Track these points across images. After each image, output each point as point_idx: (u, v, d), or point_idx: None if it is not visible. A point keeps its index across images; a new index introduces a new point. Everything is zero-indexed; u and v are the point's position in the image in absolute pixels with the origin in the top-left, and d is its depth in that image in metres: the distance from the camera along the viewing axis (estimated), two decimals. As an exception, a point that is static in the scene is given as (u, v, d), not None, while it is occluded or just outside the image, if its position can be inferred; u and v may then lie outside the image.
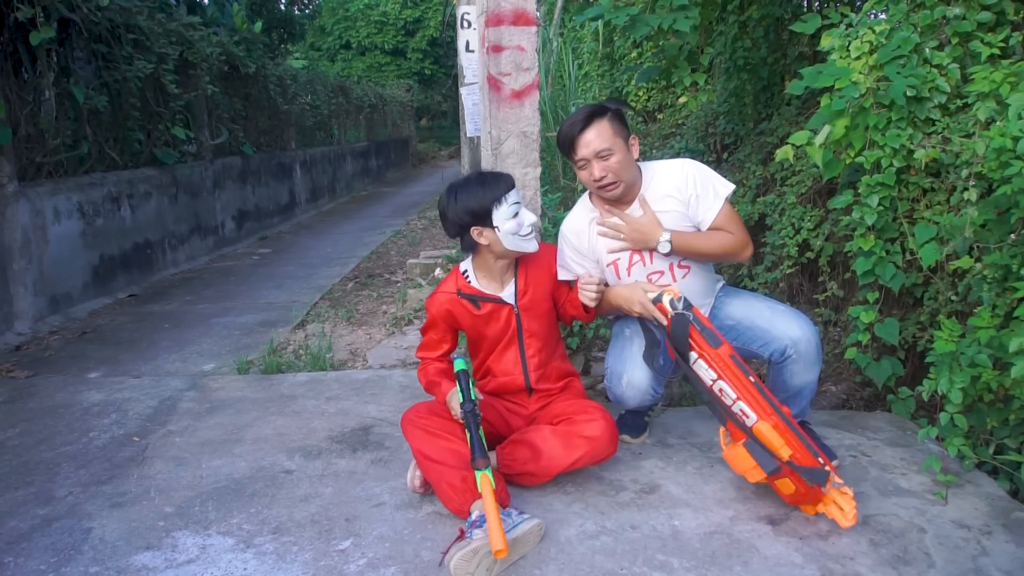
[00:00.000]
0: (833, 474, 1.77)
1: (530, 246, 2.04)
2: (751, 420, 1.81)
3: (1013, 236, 1.93)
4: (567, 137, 2.04)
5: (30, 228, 4.11)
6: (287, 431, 2.53)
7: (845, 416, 2.55)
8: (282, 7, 12.93)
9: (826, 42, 2.40)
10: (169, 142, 5.73)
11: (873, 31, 2.29)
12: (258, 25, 7.71)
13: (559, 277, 2.20)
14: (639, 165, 2.13)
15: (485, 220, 1.99)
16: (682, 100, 5.25)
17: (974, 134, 2.11)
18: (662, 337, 2.02)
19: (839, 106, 2.23)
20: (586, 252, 2.17)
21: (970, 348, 1.89)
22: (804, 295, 3.29)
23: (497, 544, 1.64)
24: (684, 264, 2.12)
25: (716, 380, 1.84)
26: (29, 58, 4.22)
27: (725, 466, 2.04)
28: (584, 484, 2.07)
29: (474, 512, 1.77)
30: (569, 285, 2.20)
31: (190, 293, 5.01)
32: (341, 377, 3.10)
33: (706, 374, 1.85)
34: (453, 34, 4.65)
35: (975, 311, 1.96)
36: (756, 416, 1.80)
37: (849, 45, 2.32)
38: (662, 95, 6.36)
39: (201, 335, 3.91)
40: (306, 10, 16.18)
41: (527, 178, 2.53)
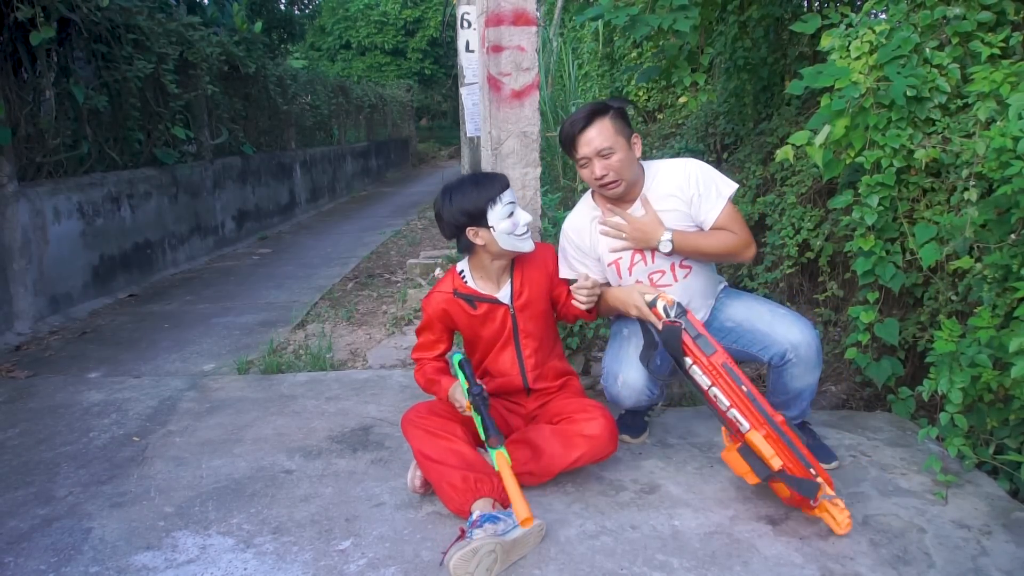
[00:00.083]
0: (825, 487, 1.77)
1: (526, 245, 2.04)
2: (744, 428, 1.82)
3: (1013, 236, 1.93)
4: (568, 135, 2.04)
5: (30, 228, 4.11)
6: (287, 431, 2.53)
7: (845, 416, 2.55)
8: (282, 7, 12.94)
9: (826, 42, 2.40)
10: (169, 142, 5.73)
11: (873, 31, 2.29)
12: (258, 25, 7.71)
13: (561, 275, 2.20)
14: (641, 164, 2.12)
15: (480, 220, 1.99)
16: (682, 100, 5.25)
17: (974, 134, 2.11)
18: (659, 340, 2.02)
19: (839, 106, 2.23)
20: (587, 250, 2.17)
21: (970, 348, 1.89)
22: (804, 295, 3.29)
23: (523, 513, 1.70)
24: (685, 264, 2.11)
25: (711, 386, 1.85)
26: (29, 58, 4.22)
27: (725, 466, 2.04)
28: (584, 484, 2.07)
29: (475, 512, 1.77)
30: (570, 284, 2.20)
31: (190, 293, 5.01)
32: (341, 377, 3.10)
33: (701, 380, 1.86)
34: (453, 34, 4.65)
35: (975, 311, 1.96)
36: (748, 425, 1.81)
37: (849, 45, 2.32)
38: (662, 95, 6.36)
39: (201, 335, 3.91)
40: (306, 10, 16.19)
41: (527, 178, 2.53)
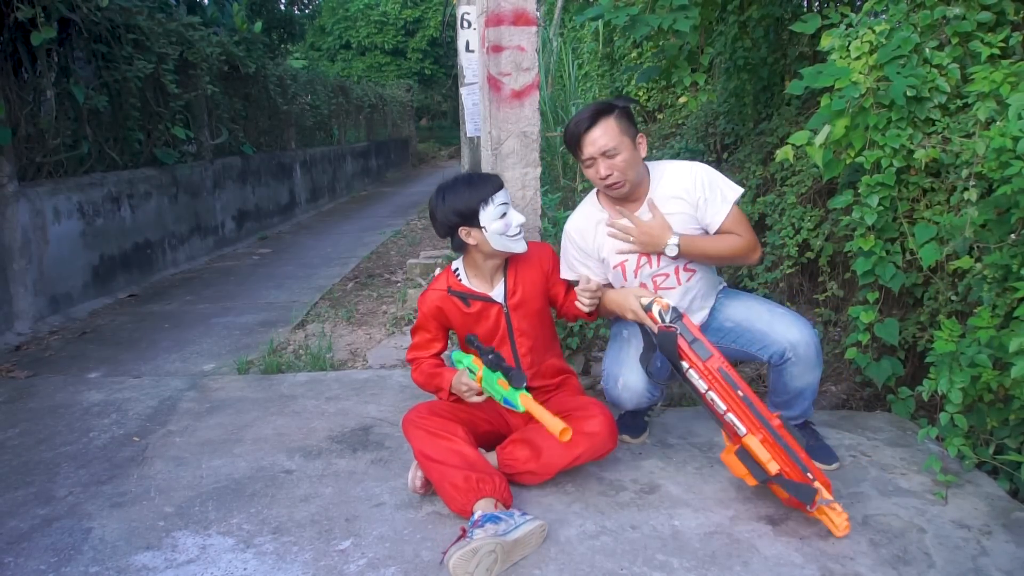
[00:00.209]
0: (823, 491, 1.76)
1: (518, 247, 2.05)
2: (741, 432, 1.82)
3: (1013, 236, 1.93)
4: (573, 135, 2.02)
5: (30, 228, 4.11)
6: (287, 431, 2.53)
7: (845, 416, 2.55)
8: (282, 7, 12.93)
9: (826, 42, 2.40)
10: (169, 142, 5.73)
11: (873, 31, 2.28)
12: (258, 25, 7.70)
13: (561, 275, 2.20)
14: (647, 164, 2.12)
15: (472, 220, 2.00)
16: (682, 100, 5.25)
17: (974, 134, 2.10)
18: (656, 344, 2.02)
19: (839, 106, 2.23)
20: (590, 252, 2.16)
21: (970, 348, 1.89)
22: (804, 295, 3.29)
23: (558, 426, 1.81)
24: (690, 267, 2.11)
25: (708, 390, 1.85)
26: (29, 58, 4.22)
27: (725, 466, 2.04)
28: (584, 484, 2.07)
29: (476, 512, 1.77)
30: (570, 284, 2.19)
31: (190, 293, 5.01)
32: (341, 377, 3.10)
33: (699, 383, 1.87)
34: (453, 34, 4.65)
35: (975, 311, 1.96)
36: (745, 429, 1.81)
37: (849, 45, 2.32)
38: (662, 95, 6.36)
39: (201, 335, 3.91)
40: (306, 10, 16.18)
41: (527, 178, 2.53)
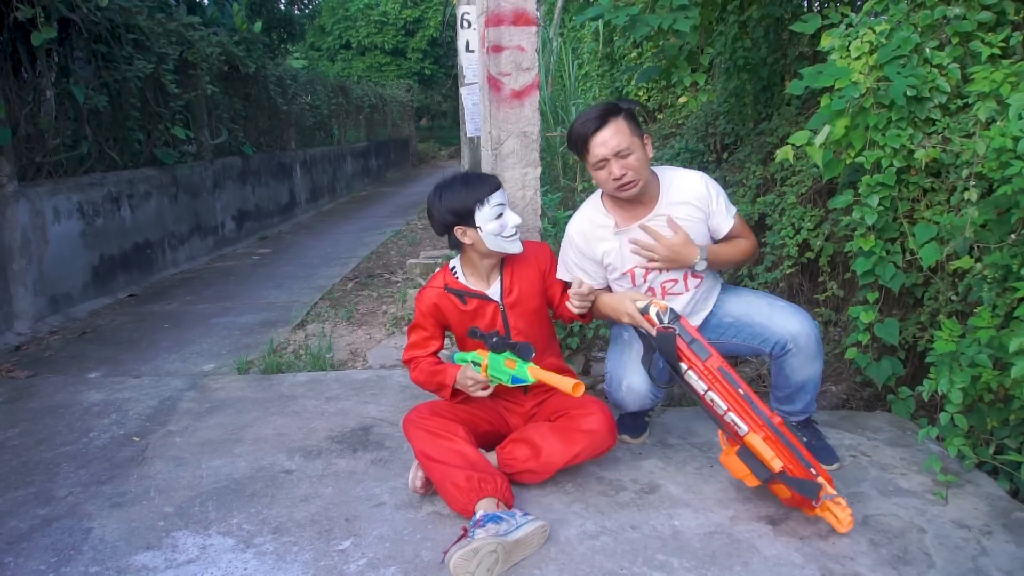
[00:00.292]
0: (827, 486, 1.76)
1: (513, 247, 2.05)
2: (742, 431, 1.81)
3: (1013, 236, 1.93)
4: (581, 136, 1.99)
5: (30, 228, 4.11)
6: (287, 431, 2.53)
7: (845, 416, 2.55)
8: (282, 7, 12.94)
9: (826, 42, 2.40)
10: (169, 142, 5.73)
11: (873, 31, 2.28)
12: (258, 25, 7.71)
13: (557, 275, 2.20)
14: (655, 169, 2.11)
15: (468, 220, 2.01)
16: (682, 100, 5.25)
17: (974, 134, 2.10)
18: (655, 346, 2.02)
19: (839, 106, 2.23)
20: (591, 255, 2.14)
21: (970, 348, 1.89)
22: (804, 295, 3.29)
23: (569, 383, 1.84)
24: (697, 273, 2.12)
25: (707, 391, 1.84)
26: (29, 58, 4.22)
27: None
28: (584, 484, 2.07)
29: (478, 512, 1.77)
30: (566, 285, 2.19)
31: (190, 293, 5.01)
32: (341, 377, 3.10)
33: (697, 384, 1.85)
34: (453, 34, 4.65)
35: (975, 311, 1.96)
36: (747, 428, 1.80)
37: (849, 45, 2.31)
38: (662, 95, 6.36)
39: (201, 335, 3.91)
40: (306, 10, 16.19)
41: (527, 178, 2.53)
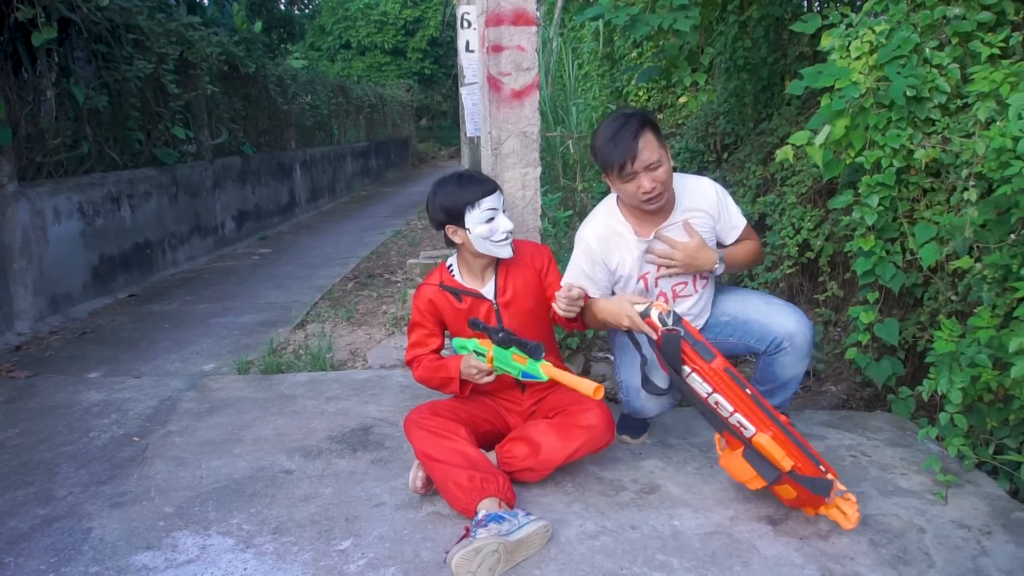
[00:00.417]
0: (837, 482, 1.76)
1: (502, 252, 2.05)
2: (749, 432, 1.78)
3: (1013, 236, 1.93)
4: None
5: (30, 228, 4.11)
6: (287, 431, 2.53)
7: (845, 416, 2.55)
8: (282, 7, 12.94)
9: (826, 42, 2.40)
10: (169, 142, 5.73)
11: (873, 31, 2.28)
12: (258, 25, 7.71)
13: (565, 280, 2.16)
14: None
15: (458, 220, 2.03)
16: (682, 100, 5.25)
17: (974, 134, 2.10)
18: (649, 350, 2.00)
19: (839, 106, 2.23)
20: (604, 262, 2.11)
21: (970, 348, 1.89)
22: (804, 295, 3.29)
23: (590, 386, 1.80)
24: (705, 275, 2.14)
25: (711, 393, 1.80)
26: (29, 58, 4.22)
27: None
28: (584, 484, 2.07)
29: (480, 511, 1.77)
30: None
31: (190, 293, 5.01)
32: (341, 377, 3.10)
33: (701, 387, 1.81)
34: (453, 34, 4.65)
35: (975, 311, 1.96)
36: (755, 428, 1.77)
37: (849, 45, 2.32)
38: (662, 95, 6.35)
39: (201, 335, 3.91)
40: (306, 10, 16.19)
41: (527, 178, 2.53)
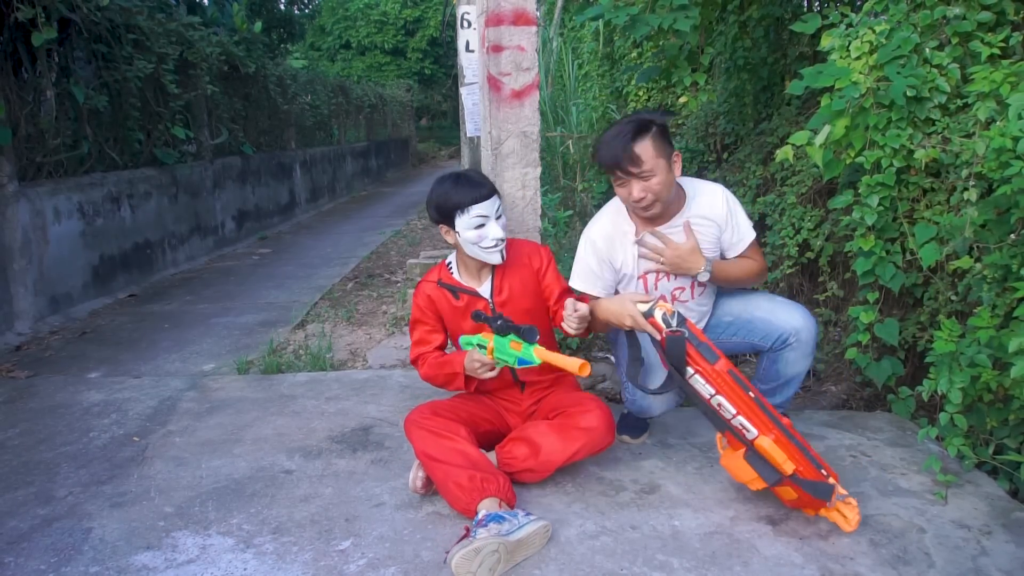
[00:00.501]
0: (838, 486, 1.76)
1: (491, 258, 2.05)
2: (752, 434, 1.77)
3: (1013, 236, 1.93)
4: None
5: (30, 228, 4.11)
6: (287, 431, 2.53)
7: (845, 416, 2.55)
8: (282, 7, 12.94)
9: (826, 42, 2.40)
10: (169, 142, 5.73)
11: (873, 31, 2.28)
12: (258, 25, 7.71)
13: (571, 284, 2.16)
14: (679, 181, 2.07)
15: (449, 222, 2.04)
16: (682, 100, 5.24)
17: (974, 134, 2.10)
18: (649, 350, 1.99)
19: (839, 106, 2.23)
20: (611, 261, 2.11)
21: (970, 348, 1.89)
22: (804, 295, 3.29)
23: (575, 363, 1.78)
24: (701, 282, 2.13)
25: (714, 395, 1.79)
26: (29, 58, 4.21)
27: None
28: (584, 484, 2.07)
29: (480, 511, 1.77)
30: (563, 292, 2.15)
31: (190, 293, 5.01)
32: (341, 377, 3.10)
33: (704, 389, 1.80)
34: (453, 34, 4.65)
35: (975, 311, 1.96)
36: (757, 431, 1.76)
37: (849, 45, 2.32)
38: (662, 95, 6.34)
39: (201, 335, 3.91)
40: (306, 10, 16.20)
41: (527, 178, 2.53)
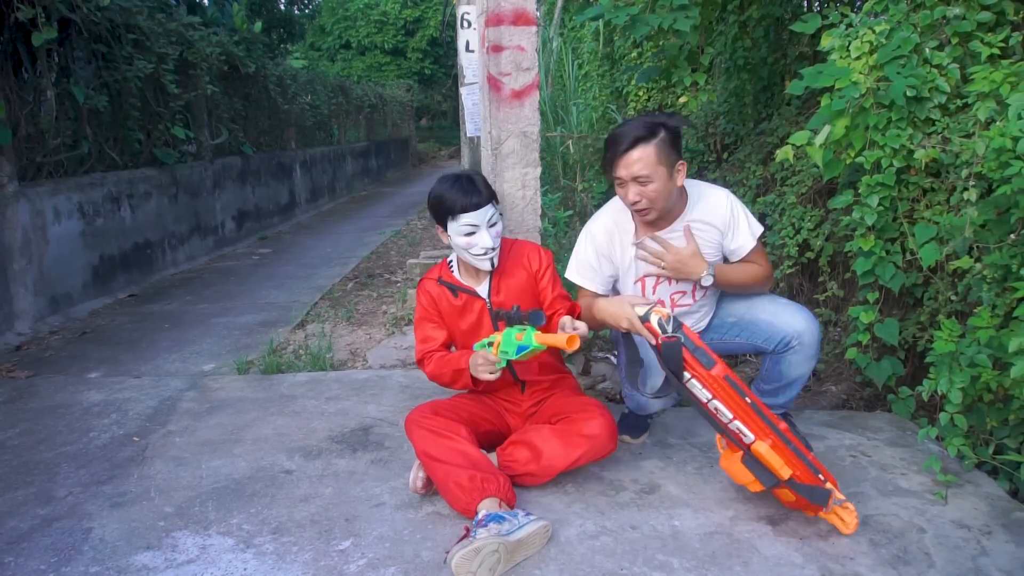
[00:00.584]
0: (835, 491, 1.75)
1: (481, 265, 2.06)
2: (748, 439, 1.78)
3: (1013, 236, 1.93)
4: (612, 152, 1.98)
5: (30, 228, 4.11)
6: (287, 431, 2.53)
7: (845, 416, 2.55)
8: (282, 7, 12.95)
9: (826, 42, 2.40)
10: (169, 142, 5.73)
11: (873, 31, 2.28)
12: (258, 25, 7.71)
13: (568, 275, 2.17)
14: (683, 185, 2.06)
15: (443, 223, 2.06)
16: (682, 100, 5.24)
17: (974, 134, 2.11)
18: (648, 352, 1.99)
19: (839, 106, 2.23)
20: (610, 256, 2.12)
21: (970, 348, 1.89)
22: (804, 295, 3.29)
23: (563, 338, 1.80)
24: (701, 283, 2.11)
25: (711, 399, 1.79)
26: (29, 58, 4.22)
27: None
28: (584, 484, 2.07)
29: (480, 511, 1.77)
30: (557, 295, 2.14)
31: (190, 293, 5.01)
32: (341, 377, 3.10)
33: (701, 393, 1.80)
34: (453, 34, 4.65)
35: (975, 311, 1.96)
36: (754, 436, 1.77)
37: (849, 45, 2.32)
38: (662, 95, 6.34)
39: (201, 335, 3.91)
40: (306, 10, 16.20)
41: (527, 178, 2.53)
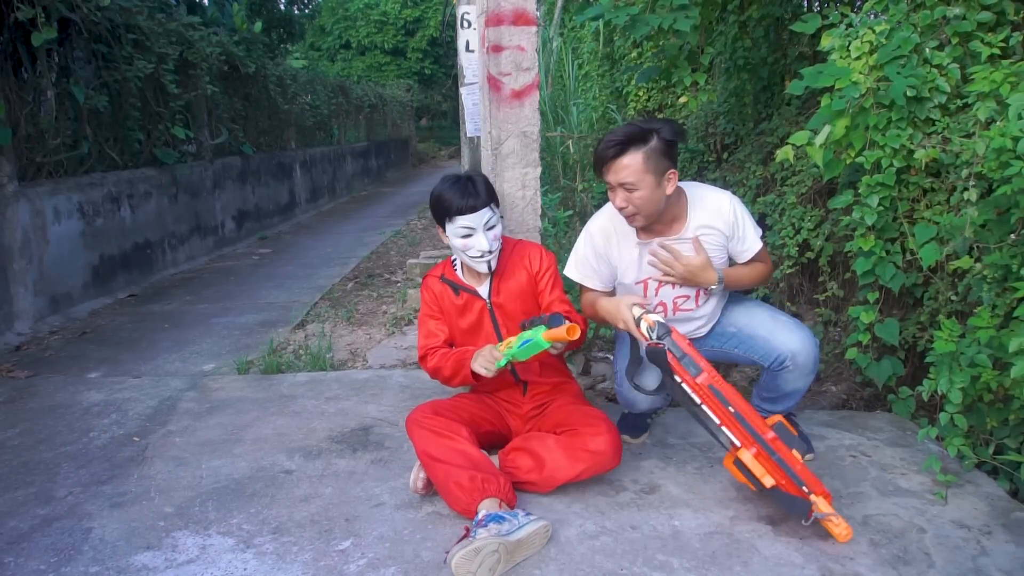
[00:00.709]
0: (817, 504, 1.73)
1: (478, 267, 2.07)
2: (735, 444, 1.81)
3: (1013, 236, 1.93)
4: (600, 157, 1.97)
5: (30, 228, 4.11)
6: (287, 431, 2.53)
7: (845, 416, 2.56)
8: (282, 7, 12.94)
9: (826, 42, 2.40)
10: (169, 142, 5.73)
11: (873, 31, 2.29)
12: (258, 25, 7.71)
13: (566, 271, 2.17)
14: (684, 186, 2.07)
15: (442, 224, 2.07)
16: (682, 100, 5.24)
17: (974, 134, 2.10)
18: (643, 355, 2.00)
19: (839, 106, 2.23)
20: (607, 257, 2.13)
21: (970, 348, 1.89)
22: (804, 295, 3.29)
23: (564, 330, 1.81)
24: (709, 291, 2.12)
25: (700, 404, 1.82)
26: (29, 58, 4.22)
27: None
28: (584, 484, 2.06)
29: (480, 511, 1.77)
30: (555, 297, 2.15)
31: (190, 293, 5.01)
32: (341, 377, 3.10)
33: (692, 396, 1.83)
34: (453, 34, 4.65)
35: (975, 311, 1.96)
36: (739, 443, 1.80)
37: (849, 45, 2.32)
38: (662, 95, 6.35)
39: (201, 335, 3.91)
40: (306, 10, 16.19)
41: (527, 178, 2.53)
